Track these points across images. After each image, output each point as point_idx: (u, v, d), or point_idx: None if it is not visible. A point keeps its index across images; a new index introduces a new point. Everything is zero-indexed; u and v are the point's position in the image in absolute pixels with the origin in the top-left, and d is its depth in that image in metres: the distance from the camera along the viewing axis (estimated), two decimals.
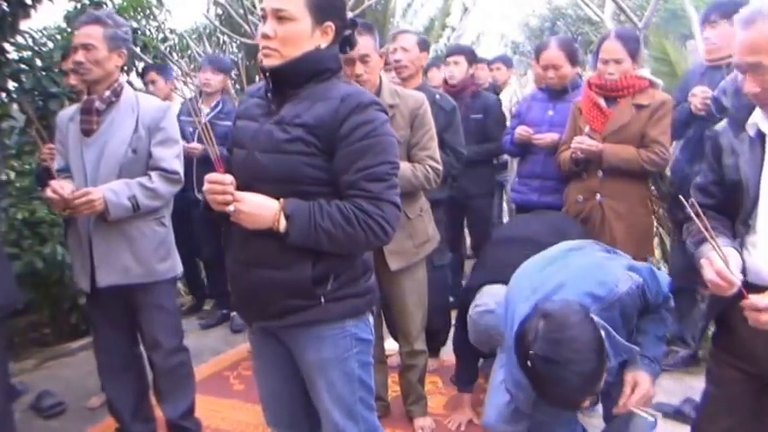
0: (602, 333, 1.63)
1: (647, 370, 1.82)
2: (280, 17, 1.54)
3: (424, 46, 3.13)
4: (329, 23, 1.59)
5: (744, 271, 1.55)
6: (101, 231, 2.30)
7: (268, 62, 1.57)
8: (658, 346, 1.88)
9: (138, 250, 2.34)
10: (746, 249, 1.60)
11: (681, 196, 1.56)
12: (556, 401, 1.66)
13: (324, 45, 1.60)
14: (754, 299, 1.44)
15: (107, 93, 2.34)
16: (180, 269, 2.53)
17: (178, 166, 2.38)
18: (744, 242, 1.60)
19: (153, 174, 2.34)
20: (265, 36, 1.56)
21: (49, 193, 2.22)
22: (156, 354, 2.48)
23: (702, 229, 1.45)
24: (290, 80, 1.60)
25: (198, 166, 3.71)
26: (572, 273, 1.84)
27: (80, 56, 2.29)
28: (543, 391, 1.60)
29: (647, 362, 1.83)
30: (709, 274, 1.50)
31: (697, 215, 1.44)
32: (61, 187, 2.20)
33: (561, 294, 1.71)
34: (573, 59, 3.17)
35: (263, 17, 1.58)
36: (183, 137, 3.84)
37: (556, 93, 3.24)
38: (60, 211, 2.31)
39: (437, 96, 3.10)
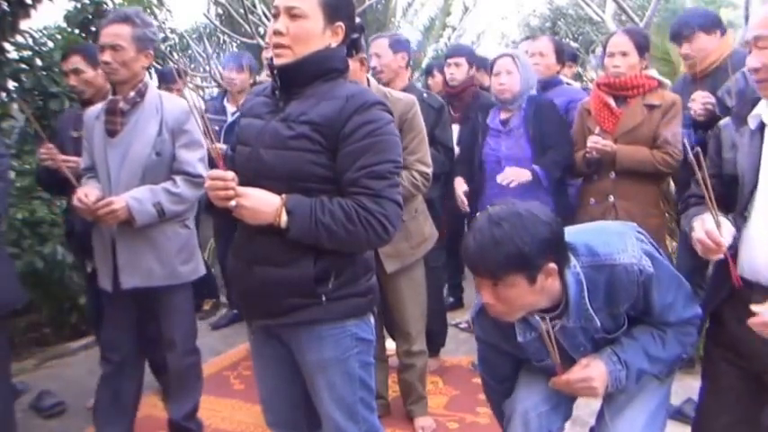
0: (571, 280, 1.53)
1: (609, 367, 1.62)
2: (292, 14, 1.56)
3: (397, 47, 3.12)
4: (340, 23, 1.61)
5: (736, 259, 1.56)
6: (124, 234, 2.29)
7: (279, 60, 1.59)
8: (641, 361, 1.64)
9: (162, 253, 2.33)
10: (741, 243, 1.60)
11: (687, 147, 1.57)
12: (469, 262, 1.53)
13: (334, 45, 1.62)
14: (761, 310, 1.43)
15: (132, 93, 2.31)
16: (202, 271, 2.51)
17: (202, 169, 2.34)
18: (740, 236, 1.60)
19: (177, 178, 2.32)
20: (277, 32, 1.57)
21: (75, 201, 2.22)
22: (171, 354, 2.46)
23: (701, 182, 1.45)
24: (298, 78, 1.61)
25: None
26: (589, 228, 1.74)
27: (107, 56, 2.25)
28: (465, 244, 1.51)
29: (616, 360, 1.63)
30: (698, 233, 1.50)
31: (699, 165, 1.44)
32: (86, 195, 2.20)
33: (567, 236, 1.58)
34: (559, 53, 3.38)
35: (275, 15, 1.59)
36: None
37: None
38: (88, 218, 2.29)
39: (425, 95, 3.14)
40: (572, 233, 1.63)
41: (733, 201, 1.63)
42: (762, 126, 1.60)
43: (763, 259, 1.53)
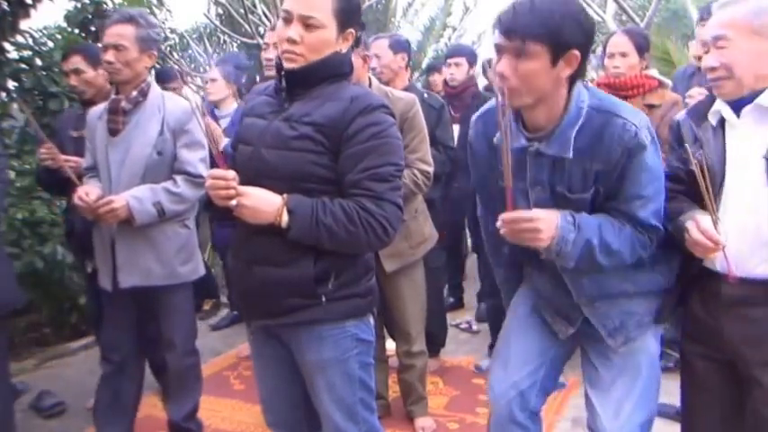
0: (573, 106, 1.53)
1: (561, 222, 1.53)
2: (308, 24, 1.55)
3: (398, 47, 3.15)
4: (351, 30, 1.62)
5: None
6: (124, 233, 2.29)
7: (289, 65, 1.58)
8: (593, 234, 1.55)
9: (161, 252, 2.33)
10: None
11: (688, 151, 1.58)
12: (503, 22, 1.51)
13: (344, 50, 1.62)
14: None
15: (134, 93, 2.31)
16: (202, 271, 2.51)
17: (203, 169, 2.33)
18: None
19: (178, 178, 2.32)
20: (291, 41, 1.55)
21: (75, 199, 2.22)
22: (171, 354, 2.46)
23: (704, 189, 1.46)
24: (307, 81, 1.61)
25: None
26: None
27: (110, 56, 2.26)
28: (504, 10, 1.51)
29: (570, 221, 1.54)
30: (694, 234, 1.51)
31: (701, 172, 1.46)
32: (86, 194, 2.19)
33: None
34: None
35: (286, 20, 1.57)
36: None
37: None
38: (88, 216, 2.29)
39: (425, 95, 3.16)
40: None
41: (699, 194, 1.62)
42: (722, 122, 1.62)
43: (734, 251, 1.53)
